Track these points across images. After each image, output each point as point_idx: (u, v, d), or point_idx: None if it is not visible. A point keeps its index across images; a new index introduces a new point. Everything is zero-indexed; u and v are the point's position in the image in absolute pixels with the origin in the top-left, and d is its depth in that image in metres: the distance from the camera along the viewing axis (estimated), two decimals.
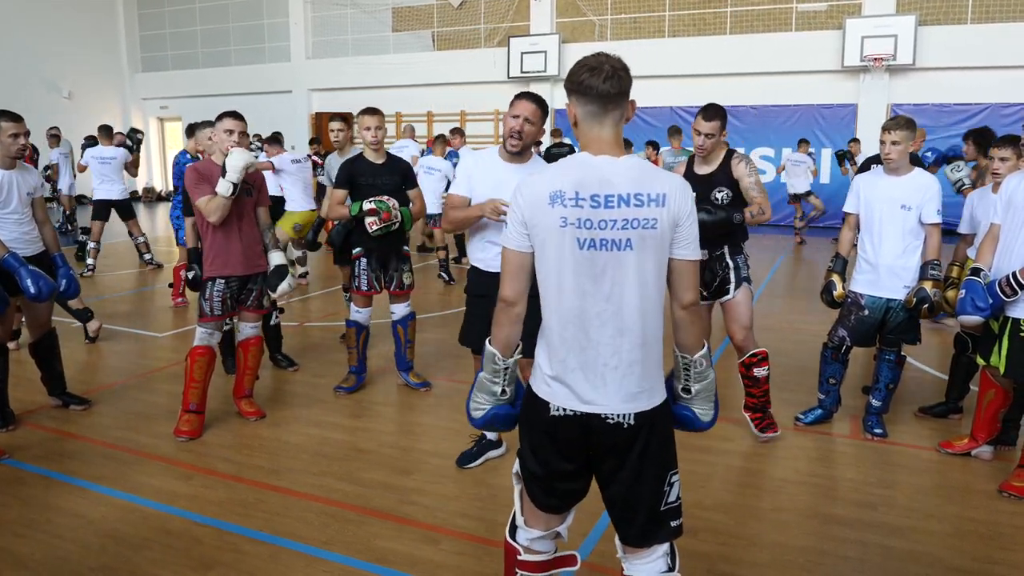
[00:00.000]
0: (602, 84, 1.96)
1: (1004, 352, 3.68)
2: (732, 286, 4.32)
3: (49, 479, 3.82)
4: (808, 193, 13.05)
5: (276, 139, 8.84)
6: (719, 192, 4.24)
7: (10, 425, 4.42)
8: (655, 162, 7.45)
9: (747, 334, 4.33)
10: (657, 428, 2.05)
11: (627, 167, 1.96)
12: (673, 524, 2.09)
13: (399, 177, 4.99)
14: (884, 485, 3.80)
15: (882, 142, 4.21)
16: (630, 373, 2.00)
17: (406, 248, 5.09)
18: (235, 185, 4.18)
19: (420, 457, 4.12)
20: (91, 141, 10.88)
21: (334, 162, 6.20)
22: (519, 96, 3.63)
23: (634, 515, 2.07)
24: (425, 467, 3.98)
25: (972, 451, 4.08)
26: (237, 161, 4.18)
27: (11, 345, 5.91)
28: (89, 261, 9.48)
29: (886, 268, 4.22)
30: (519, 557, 2.23)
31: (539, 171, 2.07)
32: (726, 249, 4.33)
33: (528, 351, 2.73)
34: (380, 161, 4.96)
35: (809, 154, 13.14)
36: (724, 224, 4.17)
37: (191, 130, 6.43)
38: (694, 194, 4.43)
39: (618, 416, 2.00)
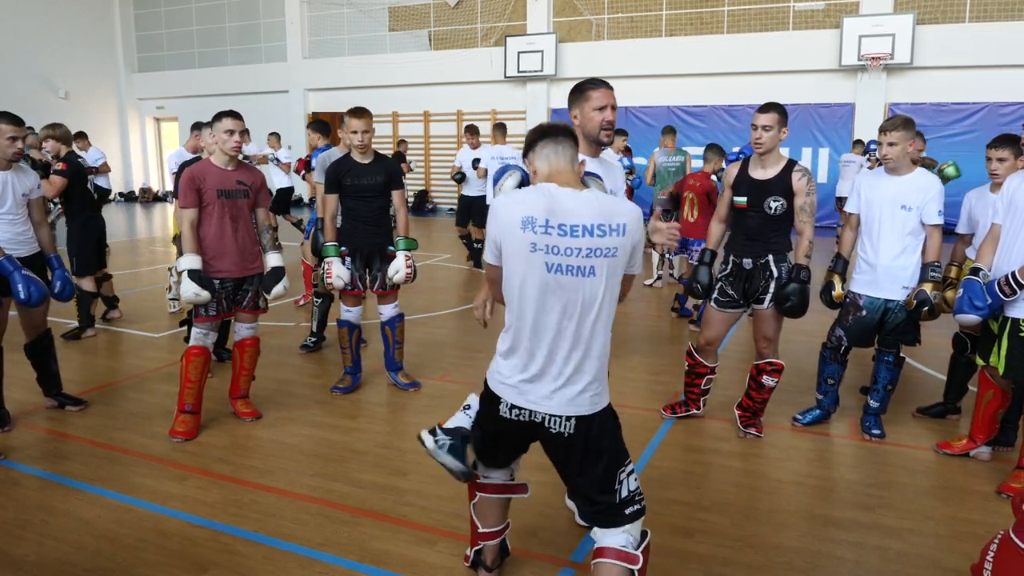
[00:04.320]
0: (549, 130, 2.37)
1: (1003, 352, 3.67)
2: (768, 297, 4.23)
3: (44, 480, 3.80)
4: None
5: None
6: (774, 201, 4.15)
7: (6, 426, 4.40)
8: (711, 171, 7.25)
9: (769, 345, 4.30)
10: (595, 429, 2.31)
11: (589, 200, 2.23)
12: (628, 512, 2.35)
13: (385, 177, 4.96)
14: (881, 486, 3.80)
15: (879, 143, 4.21)
16: (578, 382, 2.28)
17: (391, 248, 5.08)
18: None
19: (415, 458, 4.10)
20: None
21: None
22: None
23: (585, 502, 2.40)
24: (420, 468, 3.96)
25: (970, 452, 4.08)
26: (188, 296, 4.23)
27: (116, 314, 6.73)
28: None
29: (884, 269, 4.21)
30: (478, 480, 2.72)
31: (512, 195, 2.32)
32: (771, 258, 4.23)
33: None
34: (367, 161, 4.93)
35: (866, 155, 11.93)
36: (806, 293, 4.14)
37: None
38: (745, 198, 4.44)
39: (559, 424, 2.28)
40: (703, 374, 4.52)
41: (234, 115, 4.34)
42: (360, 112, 4.83)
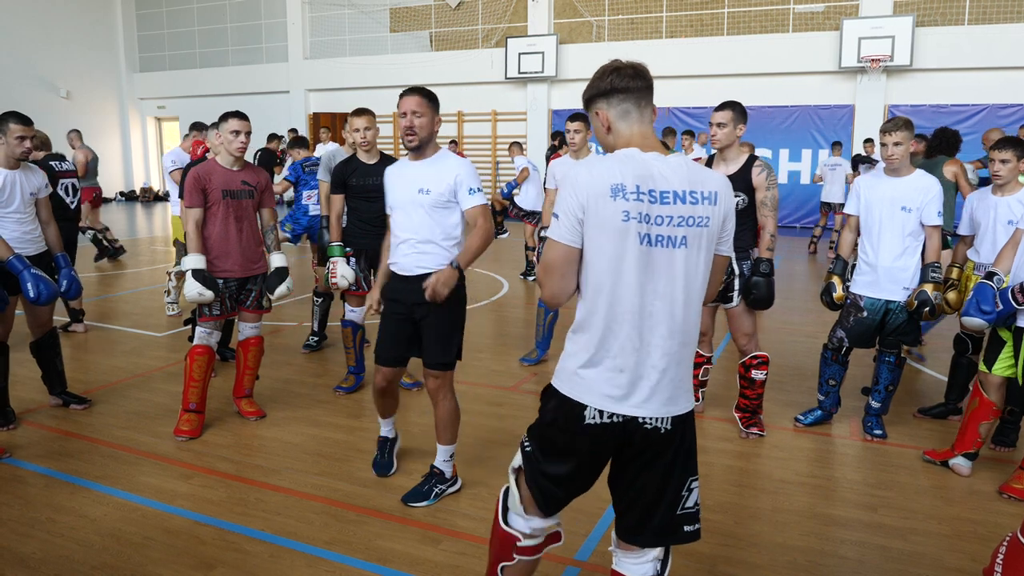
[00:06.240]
0: (631, 81, 2.00)
1: (1022, 363, 3.61)
2: (735, 294, 4.30)
3: (50, 478, 3.81)
4: (843, 205, 11.96)
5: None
6: (735, 196, 4.18)
7: (11, 424, 4.42)
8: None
9: (749, 340, 4.35)
10: (687, 434, 2.05)
11: (678, 164, 1.97)
12: (687, 529, 2.07)
13: None
14: (883, 486, 3.82)
15: (883, 144, 4.21)
16: (673, 376, 1.99)
17: None
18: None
19: (419, 457, 4.12)
20: None
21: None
22: (403, 93, 3.38)
23: (651, 517, 2.06)
24: (424, 467, 3.97)
25: (948, 461, 3.98)
26: (192, 296, 4.22)
27: (79, 328, 6.69)
28: None
29: (885, 270, 4.23)
30: (519, 544, 2.23)
31: (592, 162, 1.97)
32: (732, 254, 4.27)
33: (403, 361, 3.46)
34: (372, 161, 4.95)
35: (856, 171, 11.48)
36: (771, 285, 4.22)
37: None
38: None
39: (656, 421, 1.98)
40: (699, 364, 4.58)
41: (240, 116, 4.36)
42: (362, 111, 4.88)
